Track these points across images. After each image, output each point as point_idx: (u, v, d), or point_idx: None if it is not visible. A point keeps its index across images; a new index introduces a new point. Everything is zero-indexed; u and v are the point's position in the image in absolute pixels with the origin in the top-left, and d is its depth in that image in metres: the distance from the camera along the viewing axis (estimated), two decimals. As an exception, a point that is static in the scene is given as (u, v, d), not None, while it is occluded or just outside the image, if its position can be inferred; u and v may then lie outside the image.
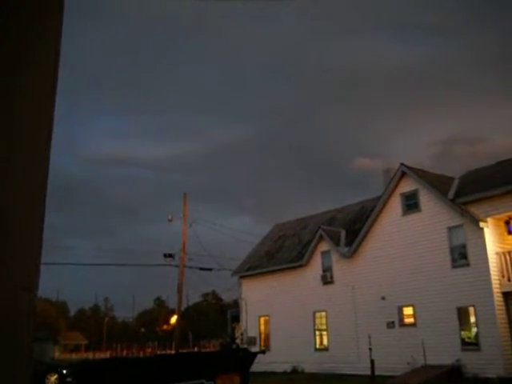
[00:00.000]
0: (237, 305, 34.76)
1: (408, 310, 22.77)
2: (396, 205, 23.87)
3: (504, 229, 21.29)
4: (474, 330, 20.38)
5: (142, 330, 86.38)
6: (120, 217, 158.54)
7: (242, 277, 32.04)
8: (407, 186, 23.61)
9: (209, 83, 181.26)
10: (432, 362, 20.69)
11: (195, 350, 57.64)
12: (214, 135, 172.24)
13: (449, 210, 21.62)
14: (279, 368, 26.62)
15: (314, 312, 27.20)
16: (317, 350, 26.72)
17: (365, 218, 25.86)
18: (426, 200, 22.67)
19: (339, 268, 26.17)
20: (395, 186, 24.00)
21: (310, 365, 26.01)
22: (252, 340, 29.63)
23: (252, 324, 30.39)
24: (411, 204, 23.27)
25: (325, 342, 26.62)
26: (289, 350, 27.25)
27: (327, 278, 26.52)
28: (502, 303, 19.92)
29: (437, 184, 22.86)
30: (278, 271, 29.72)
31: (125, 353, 67.81)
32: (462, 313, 20.80)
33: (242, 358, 9.69)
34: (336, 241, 26.82)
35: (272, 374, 25.73)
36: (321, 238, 27.38)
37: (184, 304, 38.89)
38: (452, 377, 19.51)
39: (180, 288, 32.41)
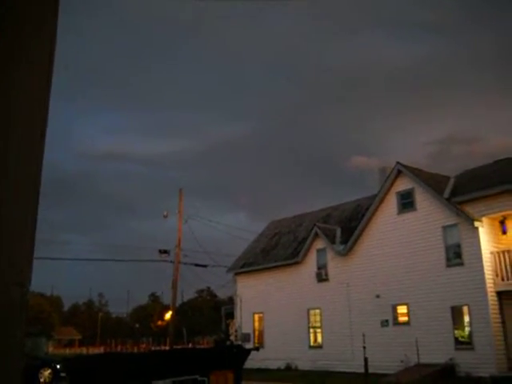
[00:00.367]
0: (231, 301, 34.78)
1: (402, 309, 22.82)
2: (392, 203, 23.89)
3: (499, 228, 21.34)
4: (468, 329, 20.45)
5: (137, 325, 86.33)
6: (116, 212, 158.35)
7: (237, 273, 32.04)
8: (403, 184, 23.63)
9: (208, 81, 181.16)
10: (425, 360, 20.74)
11: (189, 346, 57.62)
12: (212, 132, 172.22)
13: (444, 209, 21.66)
14: (273, 365, 26.66)
15: (309, 309, 27.23)
16: (311, 347, 26.77)
17: (360, 216, 25.88)
18: (422, 199, 22.70)
19: (334, 266, 26.20)
20: (391, 185, 24.02)
21: (303, 362, 26.05)
22: (246, 337, 29.63)
23: (246, 321, 30.41)
24: (407, 203, 23.30)
25: (319, 339, 26.66)
26: (283, 347, 27.28)
27: (322, 276, 26.55)
28: (495, 303, 19.98)
29: (432, 183, 22.89)
30: (273, 268, 29.74)
31: (119, 348, 67.75)
32: (456, 312, 20.86)
33: (235, 355, 9.70)
34: (331, 238, 26.84)
35: (266, 370, 25.78)
36: (316, 235, 27.40)
37: (179, 300, 38.91)
38: (445, 375, 19.58)
39: (175, 284, 32.39)
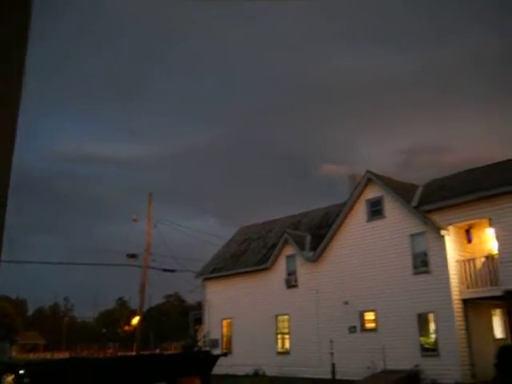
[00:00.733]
0: (200, 307, 34.57)
1: (370, 315, 23.02)
2: (361, 211, 24.13)
3: (464, 237, 21.75)
4: (434, 336, 20.74)
5: (103, 330, 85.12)
6: (84, 215, 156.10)
7: (207, 279, 31.89)
8: (372, 192, 23.89)
9: (178, 86, 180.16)
10: (392, 366, 20.97)
11: (156, 351, 57.06)
12: (183, 137, 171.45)
13: (412, 217, 21.96)
14: (241, 371, 26.57)
15: (277, 315, 27.25)
16: (279, 353, 26.77)
17: (330, 223, 26.04)
18: (391, 207, 22.98)
19: (303, 272, 26.30)
20: (360, 193, 24.25)
21: (271, 368, 26.04)
22: (214, 342, 29.50)
23: (215, 326, 30.27)
24: (376, 210, 23.55)
25: (287, 345, 26.69)
26: (251, 352, 27.23)
27: (291, 282, 26.62)
28: (460, 310, 20.32)
29: (401, 191, 23.19)
30: (242, 274, 29.70)
31: (84, 353, 66.63)
32: (422, 319, 21.14)
33: (203, 361, 9.63)
34: (301, 245, 26.94)
35: (234, 376, 25.68)
36: (286, 241, 27.48)
37: (146, 305, 38.50)
38: (410, 382, 19.81)
39: (142, 289, 32.04)
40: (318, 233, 27.30)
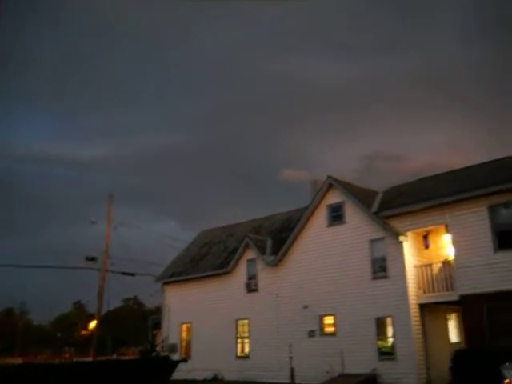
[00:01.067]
0: (159, 311, 34.19)
1: (329, 320, 23.17)
2: (322, 216, 24.31)
3: (422, 243, 22.18)
4: (391, 340, 21.03)
5: (59, 334, 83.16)
6: (40, 217, 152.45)
7: (166, 283, 31.57)
8: (333, 197, 24.10)
9: (141, 86, 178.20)
10: (350, 370, 21.17)
11: (114, 357, 56.13)
12: (144, 139, 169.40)
13: (372, 222, 22.26)
14: (200, 376, 26.40)
15: (237, 320, 27.17)
16: (238, 357, 26.69)
17: (291, 228, 26.15)
18: (351, 212, 23.23)
19: (264, 276, 26.32)
20: (322, 198, 24.43)
21: (230, 372, 25.94)
22: (173, 347, 29.21)
23: (174, 331, 29.97)
24: (336, 216, 23.76)
25: (246, 349, 26.63)
26: (210, 357, 27.07)
27: (251, 286, 26.61)
28: (417, 315, 20.67)
29: (362, 197, 23.48)
30: (202, 278, 29.51)
31: (39, 359, 64.96)
32: (380, 323, 21.42)
33: (163, 366, 9.52)
34: (262, 249, 26.97)
35: (192, 382, 25.52)
36: (247, 245, 27.46)
37: (104, 309, 37.87)
38: (368, 385, 20.02)
39: (101, 292, 31.55)
40: (279, 237, 27.38)
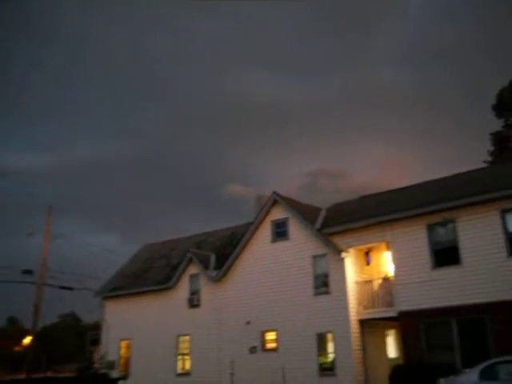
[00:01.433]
0: (98, 327, 33.29)
1: (271, 335, 23.18)
2: (266, 232, 24.40)
3: (364, 260, 22.62)
4: (331, 356, 21.21)
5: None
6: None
7: (106, 298, 30.78)
8: (278, 213, 24.26)
9: (83, 96, 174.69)
10: (291, 386, 21.18)
11: (49, 374, 54.12)
12: (86, 151, 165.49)
13: (315, 239, 22.51)
14: (139, 393, 25.80)
15: (178, 336, 26.78)
16: (179, 374, 26.25)
17: (235, 243, 26.11)
18: (295, 228, 23.44)
19: (207, 292, 26.10)
20: (266, 214, 24.55)
21: (170, 390, 25.49)
22: (111, 364, 28.46)
23: (113, 347, 29.19)
24: (280, 232, 23.92)
25: (187, 366, 26.23)
26: (150, 374, 26.49)
27: (194, 302, 26.31)
28: (357, 330, 20.98)
29: (305, 214, 23.73)
30: (144, 293, 28.95)
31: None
32: (321, 339, 21.59)
33: (100, 384, 9.24)
34: (205, 264, 26.77)
35: (130, 399, 24.89)
36: (190, 260, 27.18)
37: (40, 324, 36.54)
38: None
39: (37, 307, 30.45)
40: (223, 252, 27.27)
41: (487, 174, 21.39)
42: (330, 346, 21.33)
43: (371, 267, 22.63)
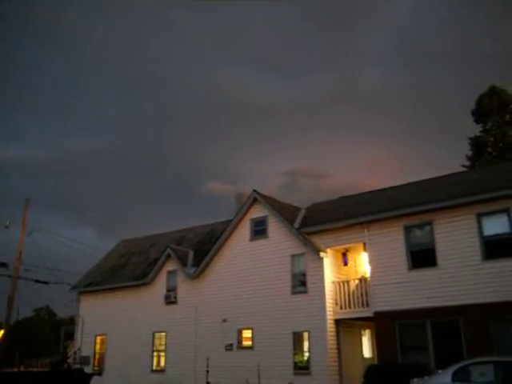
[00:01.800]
0: (72, 322, 32.98)
1: (247, 333, 23.21)
2: (245, 229, 24.41)
3: (341, 260, 22.77)
4: (307, 354, 21.31)
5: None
6: None
7: (82, 292, 30.54)
8: (257, 212, 24.29)
9: (64, 88, 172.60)
10: (266, 385, 21.25)
11: (22, 368, 53.44)
12: (66, 144, 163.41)
13: (294, 238, 22.58)
14: (112, 389, 25.65)
15: (154, 332, 26.67)
16: (153, 371, 26.14)
17: (214, 240, 26.08)
18: (274, 227, 23.48)
19: (184, 288, 26.03)
20: (246, 211, 24.57)
21: (145, 386, 25.39)
22: (85, 360, 28.26)
23: (88, 343, 28.97)
24: (260, 230, 23.94)
25: (162, 363, 26.15)
26: (125, 370, 26.37)
27: (170, 298, 26.23)
28: (333, 330, 21.10)
29: (285, 213, 23.80)
30: (120, 289, 28.78)
31: None
32: (297, 338, 21.65)
33: (76, 380, 9.17)
34: (183, 261, 26.69)
35: (104, 395, 24.72)
36: (168, 256, 27.08)
37: (13, 318, 36.02)
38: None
39: (10, 301, 30.00)
40: (201, 249, 27.22)
41: (465, 178, 21.65)
42: (306, 345, 21.42)
43: (348, 267, 22.80)
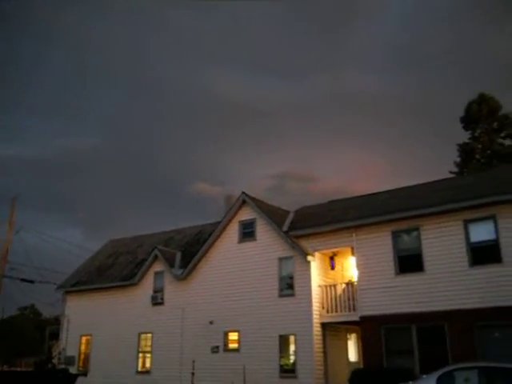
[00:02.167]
0: (58, 321, 32.77)
1: (233, 336, 23.16)
2: (234, 232, 24.40)
3: (328, 264, 22.83)
4: (293, 357, 21.31)
5: None
6: None
7: (68, 292, 30.33)
8: (246, 214, 24.29)
9: (54, 87, 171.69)
10: (251, 387, 21.22)
11: (5, 368, 52.97)
12: (54, 143, 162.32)
13: (282, 241, 22.60)
14: (97, 390, 25.50)
15: (140, 333, 26.55)
16: (138, 372, 26.01)
17: (202, 242, 26.03)
18: (263, 230, 23.49)
19: (171, 290, 25.95)
20: (235, 214, 24.55)
21: (130, 387, 25.26)
22: (70, 360, 28.06)
23: (73, 343, 28.76)
24: (248, 232, 23.93)
25: (148, 364, 26.03)
26: (109, 371, 26.21)
27: (157, 299, 26.12)
28: (320, 333, 21.14)
29: (273, 215, 23.82)
30: (107, 289, 28.62)
31: None
32: (284, 341, 21.65)
33: (60, 380, 9.11)
34: (171, 262, 26.61)
35: (88, 396, 24.58)
36: (156, 257, 26.99)
37: (-2, 317, 35.79)
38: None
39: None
40: (189, 250, 27.17)
41: (453, 185, 21.80)
42: (292, 348, 21.43)
43: (336, 271, 22.86)
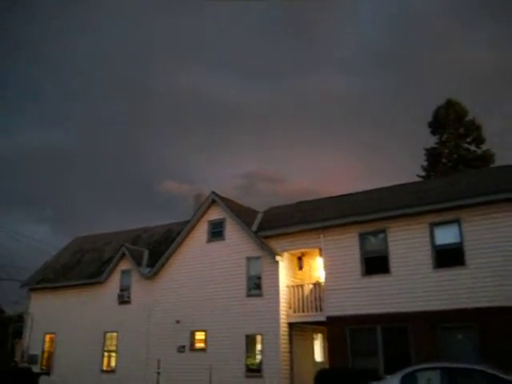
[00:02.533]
0: (21, 319, 32.17)
1: (200, 335, 23.12)
2: (202, 231, 24.35)
3: (297, 264, 22.99)
4: (259, 357, 21.37)
5: None
6: None
7: (32, 289, 29.82)
8: (215, 213, 24.27)
9: (26, 81, 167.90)
10: (217, 387, 21.22)
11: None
12: (21, 138, 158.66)
13: (250, 241, 22.65)
14: (60, 389, 25.14)
15: (105, 332, 26.28)
16: (103, 371, 25.74)
17: (170, 241, 25.90)
18: (231, 229, 23.50)
19: (138, 288, 25.76)
20: (204, 213, 24.50)
21: (94, 387, 24.98)
22: (33, 358, 27.61)
23: (36, 341, 28.30)
24: (217, 232, 23.91)
25: (113, 363, 25.79)
26: (74, 370, 25.87)
27: (124, 298, 25.88)
28: (286, 333, 21.27)
29: (243, 215, 23.85)
30: (73, 286, 28.24)
31: None
32: (250, 340, 21.70)
33: (23, 379, 8.98)
34: (138, 260, 26.41)
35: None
36: (123, 255, 26.75)
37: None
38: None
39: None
40: (157, 249, 27.00)
41: (420, 188, 22.15)
42: (259, 348, 21.50)
43: (303, 272, 23.03)
